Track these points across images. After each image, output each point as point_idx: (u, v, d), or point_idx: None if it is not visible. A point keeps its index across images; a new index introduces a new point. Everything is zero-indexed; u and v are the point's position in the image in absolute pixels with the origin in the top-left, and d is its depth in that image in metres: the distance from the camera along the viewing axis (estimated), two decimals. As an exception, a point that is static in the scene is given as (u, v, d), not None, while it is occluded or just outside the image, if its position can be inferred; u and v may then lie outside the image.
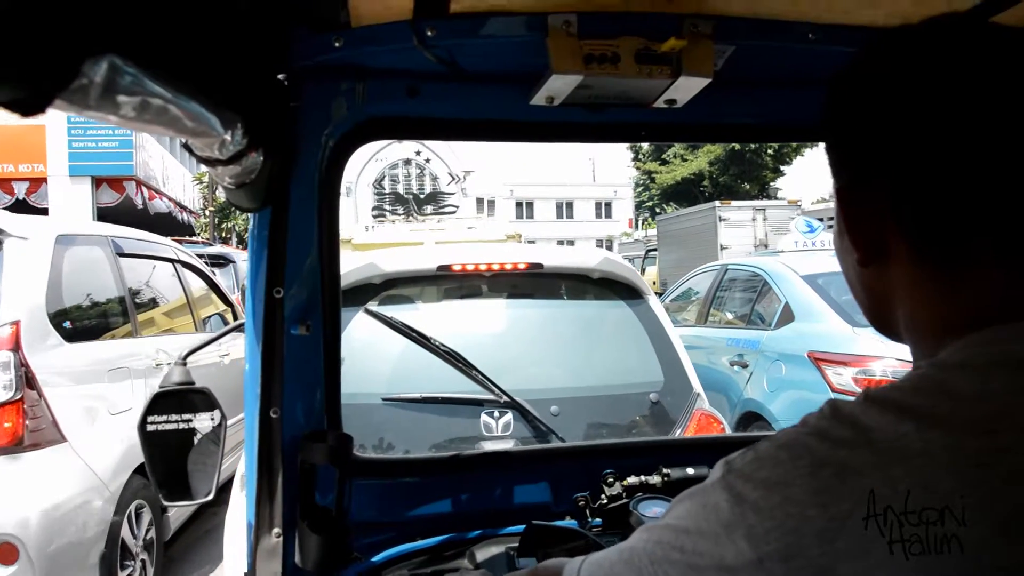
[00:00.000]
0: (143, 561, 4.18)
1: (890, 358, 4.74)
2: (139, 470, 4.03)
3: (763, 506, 0.64)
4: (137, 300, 4.97)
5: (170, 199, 19.26)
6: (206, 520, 5.66)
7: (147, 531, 4.26)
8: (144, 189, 16.58)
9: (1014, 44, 0.70)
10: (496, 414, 2.79)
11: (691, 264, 17.50)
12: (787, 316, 5.76)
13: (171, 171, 19.98)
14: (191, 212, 21.92)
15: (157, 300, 5.48)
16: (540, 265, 3.22)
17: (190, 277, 6.11)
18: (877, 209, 0.72)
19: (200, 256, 8.47)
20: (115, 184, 15.80)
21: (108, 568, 3.78)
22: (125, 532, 3.97)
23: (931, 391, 0.64)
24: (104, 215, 14.92)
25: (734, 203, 20.76)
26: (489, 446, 2.74)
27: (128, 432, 3.92)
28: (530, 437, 2.72)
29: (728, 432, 3.27)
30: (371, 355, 2.97)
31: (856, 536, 0.60)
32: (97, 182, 15.63)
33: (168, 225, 17.12)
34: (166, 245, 5.85)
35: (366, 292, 3.07)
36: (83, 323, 4.27)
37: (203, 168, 1.25)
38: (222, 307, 6.72)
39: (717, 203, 20.50)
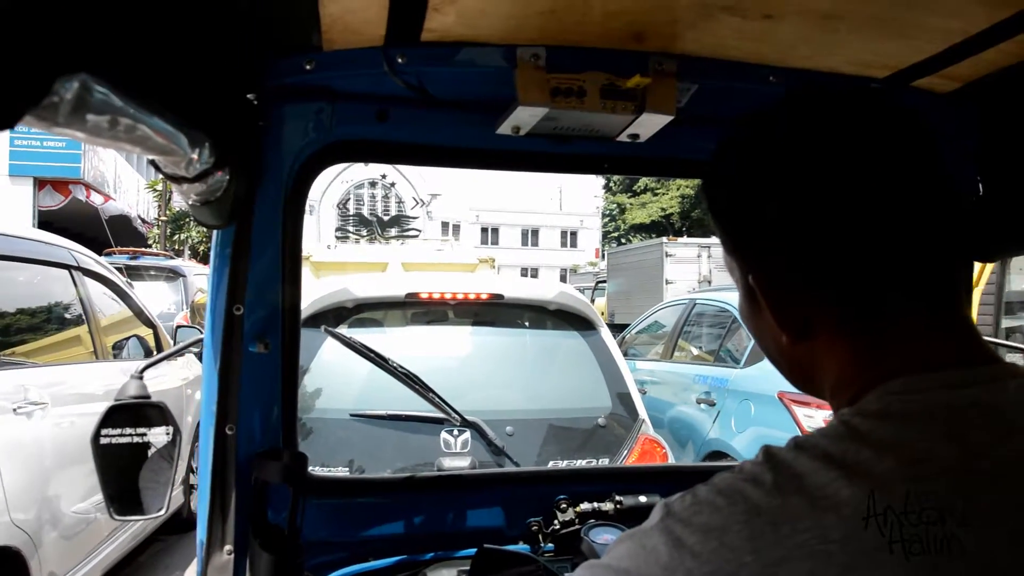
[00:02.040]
0: None
1: None
2: None
3: (700, 551, 0.67)
4: (3, 319, 3.78)
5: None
6: None
7: None
8: (95, 192, 15.97)
9: (902, 116, 0.76)
10: (455, 432, 3.03)
11: (637, 296, 19.12)
12: (757, 354, 5.71)
13: (123, 177, 19.36)
14: (144, 222, 21.45)
15: (38, 318, 4.17)
16: (501, 296, 3.55)
17: (95, 290, 4.76)
18: (801, 292, 0.77)
19: (146, 268, 7.81)
20: (60, 187, 15.06)
21: None
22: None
23: (854, 439, 0.68)
24: (48, 219, 14.20)
25: (680, 240, 22.38)
26: (448, 462, 3.03)
27: None
28: (486, 454, 2.96)
29: (670, 458, 3.59)
30: (342, 374, 3.19)
31: None
32: (40, 183, 14.91)
33: (126, 233, 16.50)
34: (60, 247, 4.44)
35: (338, 315, 3.35)
36: None
37: (157, 175, 1.26)
38: (143, 329, 5.47)
39: (665, 239, 22.10)
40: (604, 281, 25.08)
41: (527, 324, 3.70)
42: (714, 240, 22.39)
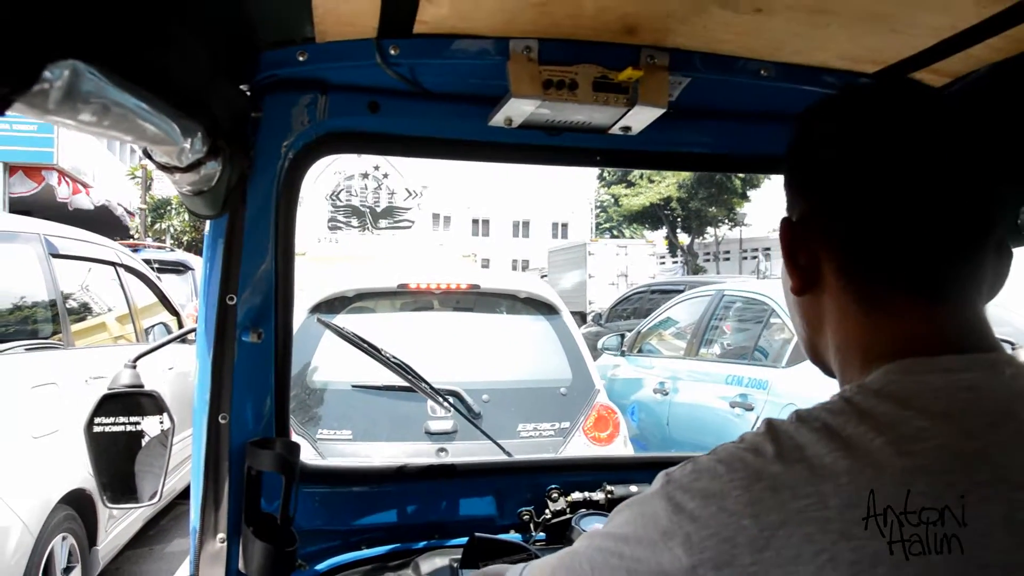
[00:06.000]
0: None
1: None
2: (65, 499, 3.72)
3: (700, 515, 0.71)
4: (71, 307, 4.62)
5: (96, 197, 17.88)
6: (143, 560, 5.31)
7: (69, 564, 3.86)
8: (68, 181, 15.30)
9: (933, 108, 0.81)
10: (440, 399, 3.41)
11: (567, 286, 23.64)
12: (802, 353, 5.08)
13: (102, 164, 18.72)
14: (127, 212, 21.02)
15: (95, 308, 5.17)
16: (478, 286, 4.38)
17: (132, 283, 5.78)
18: (815, 242, 0.83)
19: (152, 261, 8.36)
20: (32, 173, 14.36)
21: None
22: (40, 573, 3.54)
23: (855, 414, 0.72)
24: (21, 207, 13.47)
25: (601, 241, 28.36)
26: (434, 424, 3.85)
27: (55, 456, 3.69)
28: (464, 418, 3.39)
29: (622, 423, 4.31)
30: (345, 351, 3.46)
31: (784, 545, 0.67)
32: (11, 169, 14.16)
33: (107, 223, 15.97)
34: (107, 247, 5.54)
35: (341, 303, 4.15)
36: (4, 332, 3.90)
37: (137, 163, 1.26)
38: (167, 316, 6.46)
39: (587, 240, 28.26)
40: (546, 275, 28.50)
41: (501, 310, 4.47)
42: (631, 241, 28.23)
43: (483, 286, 4.37)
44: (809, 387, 4.65)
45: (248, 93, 1.35)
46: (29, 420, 3.66)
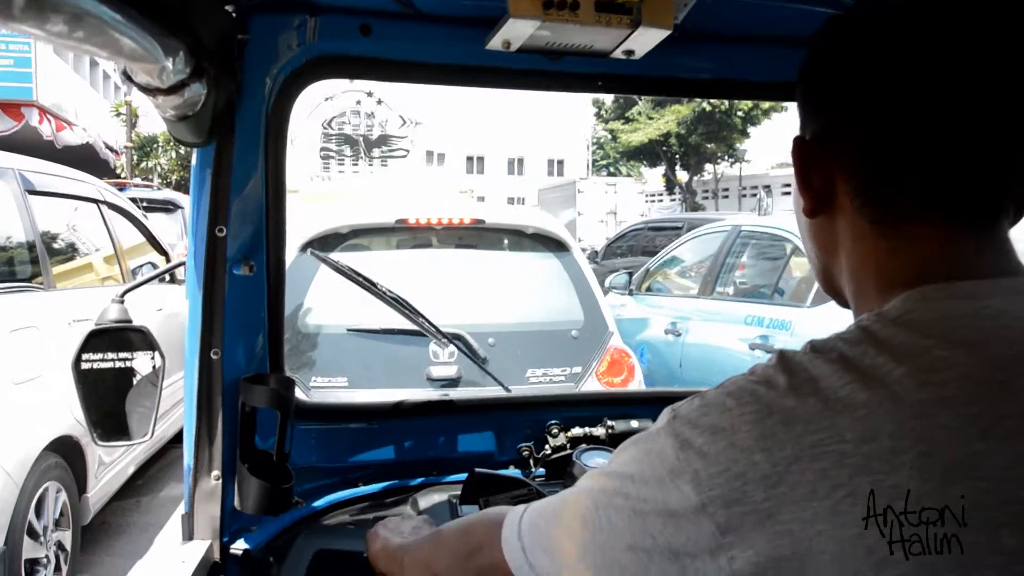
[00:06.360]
0: (57, 549, 3.78)
1: None
2: (51, 447, 3.66)
3: (708, 451, 0.68)
4: (52, 247, 4.43)
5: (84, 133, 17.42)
6: (131, 512, 5.26)
7: (60, 514, 3.84)
8: (50, 119, 14.67)
9: (966, 16, 0.74)
10: (443, 343, 3.35)
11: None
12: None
13: (84, 100, 18.28)
14: (111, 150, 20.61)
15: (78, 248, 4.96)
16: (483, 221, 4.05)
17: (118, 222, 5.57)
18: (829, 161, 0.78)
19: (141, 200, 8.29)
20: (11, 110, 13.70)
21: (10, 566, 3.29)
22: (33, 517, 3.53)
23: (872, 343, 0.69)
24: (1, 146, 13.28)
25: (591, 179, 29.59)
26: (436, 371, 3.60)
27: (38, 402, 3.64)
28: (471, 363, 3.39)
29: (637, 368, 4.05)
30: (340, 292, 3.42)
31: (798, 481, 0.65)
32: None
33: (91, 162, 15.73)
34: (89, 184, 5.27)
35: (335, 240, 3.85)
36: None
37: (120, 99, 1.22)
38: (155, 256, 6.30)
39: (577, 179, 29.35)
40: (537, 213, 29.85)
41: (507, 247, 4.21)
42: (618, 179, 29.49)
43: (488, 221, 4.05)
44: (836, 328, 4.22)
45: (234, 14, 1.29)
46: (9, 366, 3.57)
